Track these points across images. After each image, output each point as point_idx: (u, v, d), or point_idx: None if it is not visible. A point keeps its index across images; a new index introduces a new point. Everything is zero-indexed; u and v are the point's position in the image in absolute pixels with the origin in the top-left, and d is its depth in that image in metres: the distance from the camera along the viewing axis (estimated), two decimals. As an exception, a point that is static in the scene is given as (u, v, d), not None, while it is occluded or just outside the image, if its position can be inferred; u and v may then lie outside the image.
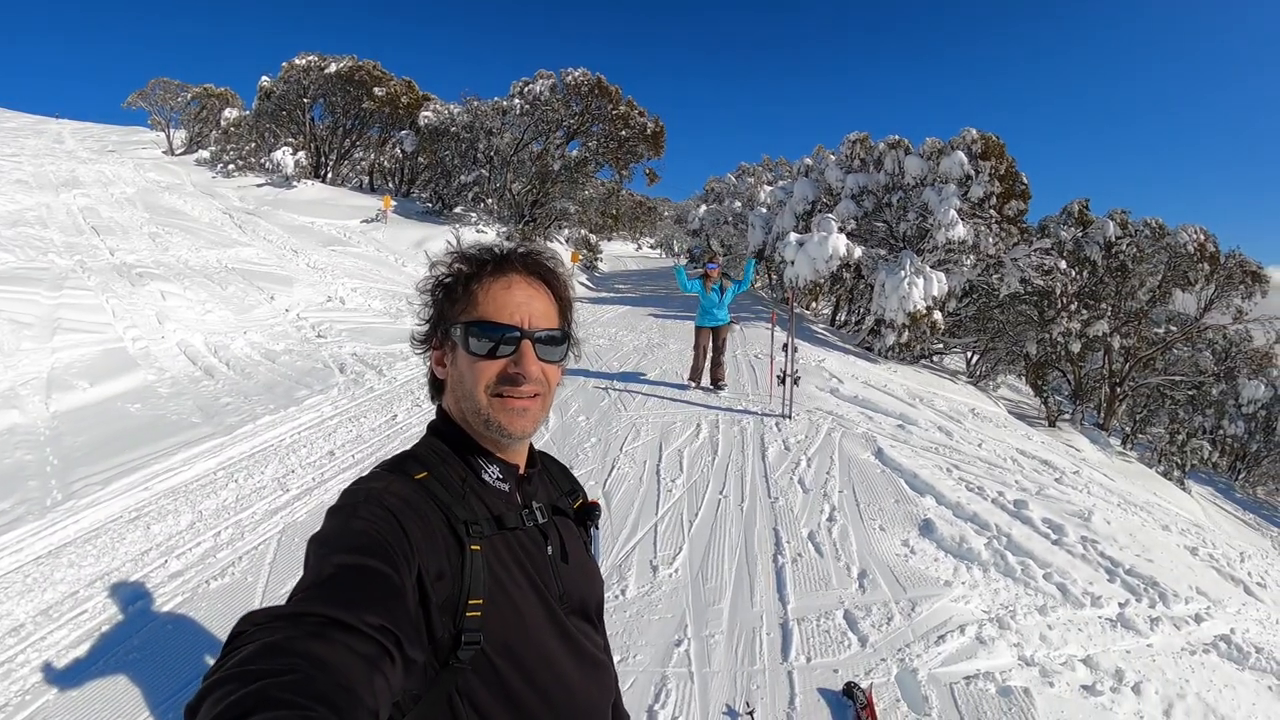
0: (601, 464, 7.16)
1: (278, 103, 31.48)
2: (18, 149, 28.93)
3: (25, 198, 19.49)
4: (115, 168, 27.21)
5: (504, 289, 1.32)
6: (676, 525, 5.79)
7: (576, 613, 1.39)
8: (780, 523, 5.83)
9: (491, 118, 26.99)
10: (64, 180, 22.90)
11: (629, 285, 28.83)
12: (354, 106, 31.32)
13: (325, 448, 7.83)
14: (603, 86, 27.39)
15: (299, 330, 13.09)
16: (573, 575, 1.41)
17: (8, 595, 4.78)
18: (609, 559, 5.24)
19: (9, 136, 34.77)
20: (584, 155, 28.43)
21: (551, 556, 1.37)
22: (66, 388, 9.21)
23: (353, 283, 17.00)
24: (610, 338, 14.46)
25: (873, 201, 19.65)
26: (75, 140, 37.13)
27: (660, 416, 8.75)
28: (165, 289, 13.54)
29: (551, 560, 1.37)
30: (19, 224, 16.54)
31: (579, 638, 1.36)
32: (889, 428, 8.74)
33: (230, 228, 20.52)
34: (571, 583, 1.40)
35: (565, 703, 1.30)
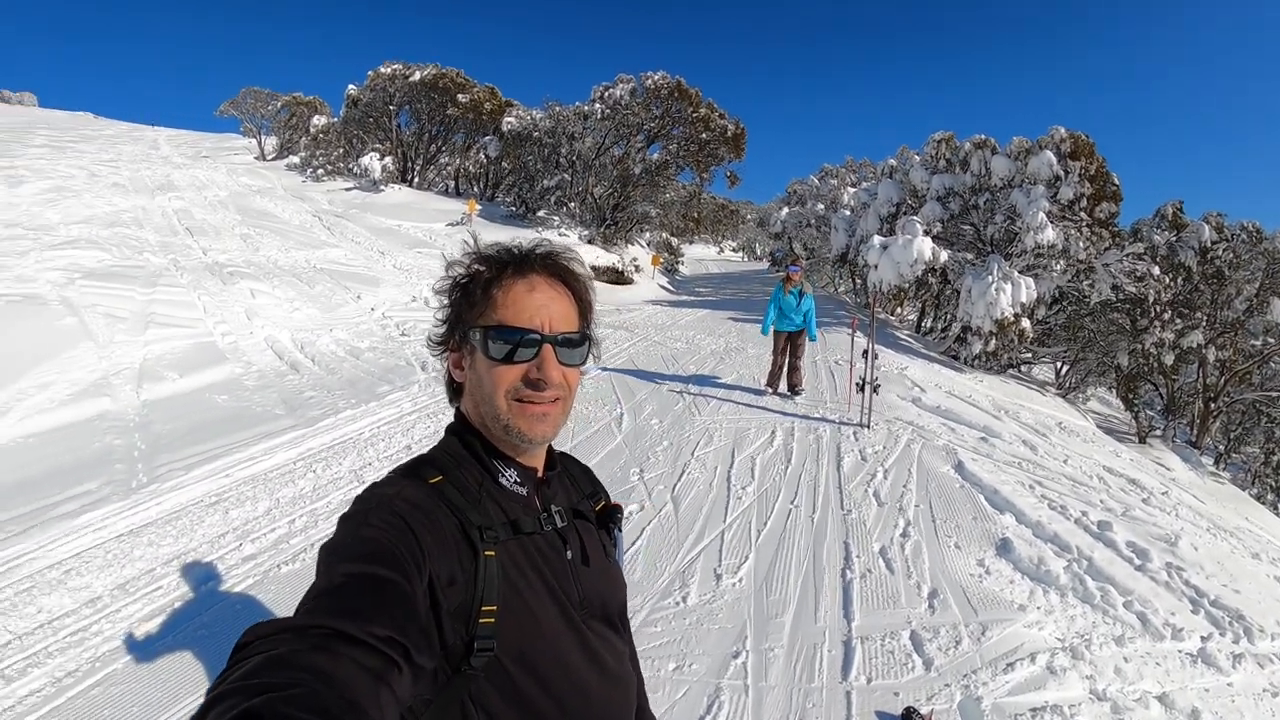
0: (672, 468, 7.12)
1: (365, 110, 32.30)
2: (115, 155, 30.19)
3: (122, 200, 20.33)
4: (209, 172, 28.16)
5: (524, 291, 1.30)
6: (744, 534, 5.69)
7: (597, 618, 1.36)
8: (851, 536, 5.68)
9: (573, 122, 27.10)
10: (159, 184, 23.84)
11: (709, 288, 28.68)
12: (438, 113, 31.88)
13: (403, 442, 8.03)
14: (682, 89, 27.26)
15: (383, 329, 13.47)
16: (593, 580, 1.38)
17: (88, 569, 5.09)
18: (673, 564, 5.20)
19: (107, 144, 36.23)
20: (665, 158, 28.22)
21: (571, 561, 1.35)
22: (157, 378, 9.70)
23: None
24: (688, 341, 14.38)
25: (959, 204, 19.02)
26: (170, 147, 38.52)
27: (734, 422, 8.67)
28: (255, 287, 14.05)
29: (571, 565, 1.34)
30: (116, 225, 17.28)
31: (598, 645, 1.33)
32: (971, 440, 8.46)
33: (319, 230, 21.12)
34: (592, 587, 1.36)
35: (581, 710, 1.28)
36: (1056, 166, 17.44)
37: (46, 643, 4.34)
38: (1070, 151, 17.85)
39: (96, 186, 21.78)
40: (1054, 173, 17.43)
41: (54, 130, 40.54)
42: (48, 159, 26.09)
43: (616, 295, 21.64)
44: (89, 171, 24.25)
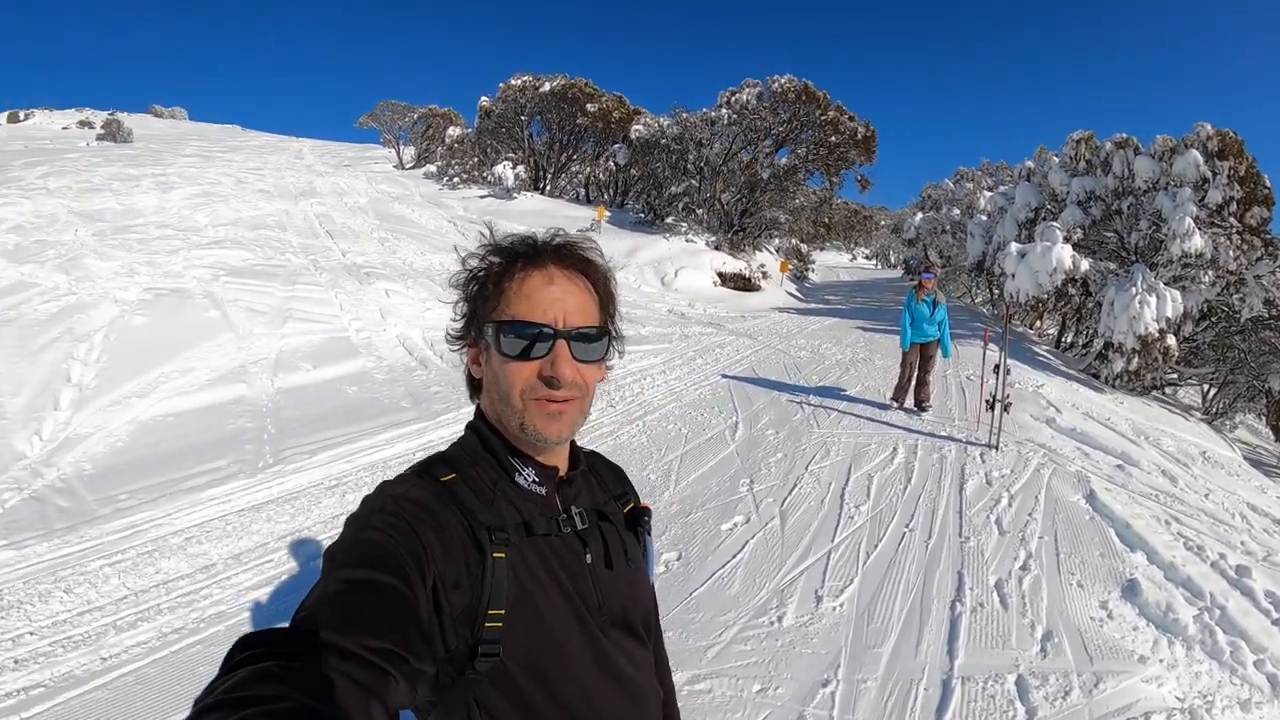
0: (784, 481, 6.98)
1: (497, 120, 33.20)
2: (261, 163, 32.03)
3: (267, 205, 21.57)
4: (349, 180, 29.46)
5: (538, 284, 1.25)
6: (852, 555, 5.50)
7: (617, 626, 1.32)
8: (967, 566, 5.37)
9: (700, 128, 26.96)
10: (302, 190, 25.13)
11: (839, 297, 28.10)
12: (568, 122, 32.52)
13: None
14: (809, 92, 26.75)
15: None
16: (614, 585, 1.34)
17: (208, 538, 5.61)
18: (773, 582, 5.08)
19: (255, 153, 38.52)
20: (793, 163, 27.72)
21: (590, 565, 1.31)
22: (292, 368, 10.42)
23: None
24: (813, 350, 14.14)
25: (1100, 208, 17.82)
26: (314, 156, 40.49)
27: (854, 436, 8.44)
28: (390, 287, 14.70)
29: (590, 569, 1.30)
30: (260, 228, 18.39)
31: (614, 653, 1.30)
32: (1106, 468, 7.89)
33: (454, 235, 21.83)
34: (612, 593, 1.32)
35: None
36: (1203, 167, 16.04)
37: (159, 601, 4.85)
38: (1218, 150, 16.31)
39: (243, 192, 23.17)
40: (1200, 174, 16.04)
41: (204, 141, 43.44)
42: (197, 167, 27.90)
43: (743, 302, 21.45)
44: (236, 178, 25.82)
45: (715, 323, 17.13)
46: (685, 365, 12.29)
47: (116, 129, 46.13)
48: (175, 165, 28.00)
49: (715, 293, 21.77)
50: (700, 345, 14.11)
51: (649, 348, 13.51)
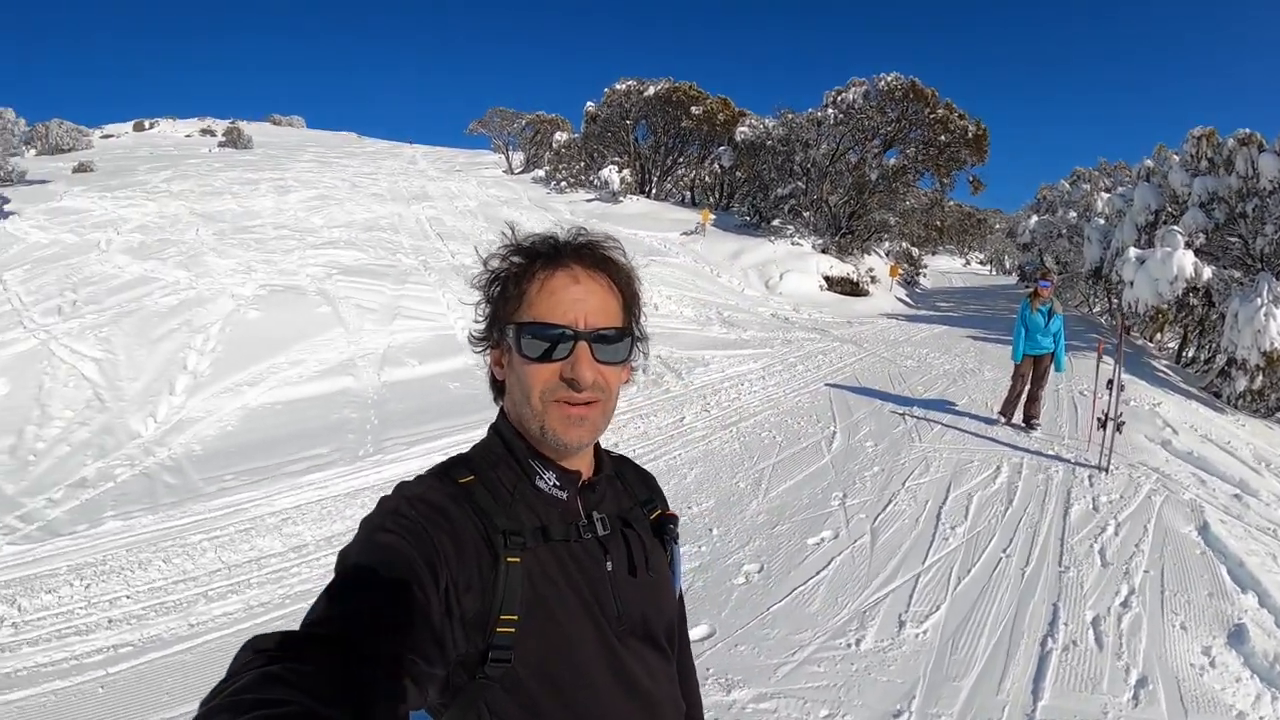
0: (878, 497, 6.80)
1: (603, 125, 33.48)
2: (376, 169, 33.25)
3: (380, 208, 22.43)
4: (460, 184, 30.22)
5: (558, 285, 1.23)
6: (942, 580, 5.29)
7: (637, 636, 1.29)
8: (1063, 599, 5.04)
9: (806, 129, 26.57)
10: (414, 194, 25.95)
11: (951, 303, 27.37)
12: (673, 126, 32.43)
13: (610, 439, 8.33)
14: (917, 89, 26.02)
15: None
16: (636, 594, 1.31)
17: (303, 520, 6.04)
18: (855, 602, 4.95)
19: (369, 159, 39.93)
20: (902, 163, 26.99)
21: (611, 572, 1.28)
22: (398, 363, 10.96)
23: (667, 290, 17.78)
24: (919, 359, 13.80)
25: (1224, 211, 16.40)
26: (426, 162, 41.65)
27: (956, 452, 8.17)
28: None
29: (610, 576, 1.28)
30: (374, 229, 19.15)
31: (632, 664, 1.27)
32: (1223, 497, 7.30)
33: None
34: (633, 602, 1.30)
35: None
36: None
37: (250, 576, 5.25)
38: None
39: (357, 196, 24.16)
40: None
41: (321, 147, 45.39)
42: (314, 172, 29.17)
43: (849, 307, 21.10)
44: (351, 183, 26.89)
45: (819, 328, 16.91)
46: (785, 371, 12.19)
47: (237, 136, 48.69)
48: (293, 170, 29.38)
49: (821, 297, 21.44)
50: (802, 351, 13.95)
51: (749, 352, 13.47)
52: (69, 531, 6.47)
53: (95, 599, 5.33)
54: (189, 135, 60.42)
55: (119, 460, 8.01)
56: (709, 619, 4.85)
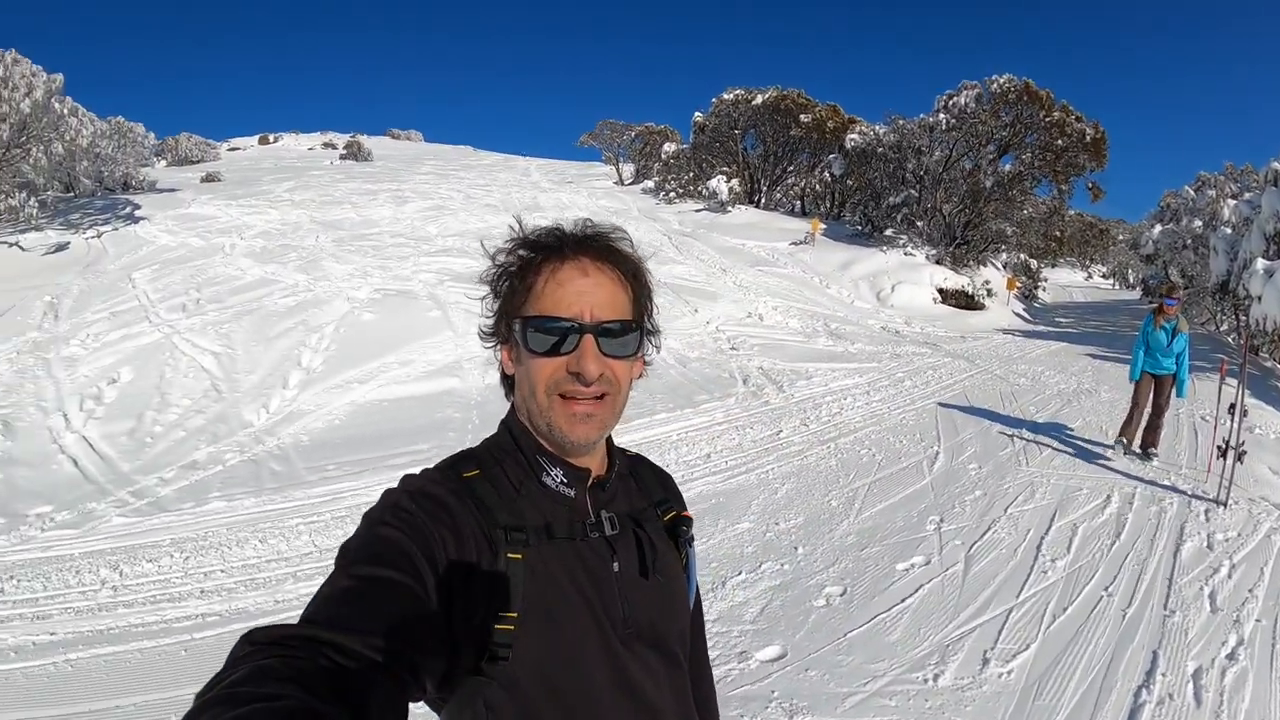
0: (977, 523, 6.53)
1: (711, 135, 33.60)
2: (490, 181, 34.36)
3: (493, 218, 23.21)
4: (571, 195, 30.95)
5: (565, 277, 1.23)
6: (1035, 616, 4.98)
7: (644, 640, 1.26)
8: (1165, 646, 4.63)
9: (918, 135, 25.92)
10: (527, 205, 26.74)
11: (1070, 319, 26.19)
12: (782, 134, 32.35)
13: (704, 450, 8.59)
14: (1031, 91, 25.05)
15: (715, 341, 14.34)
16: (646, 597, 1.28)
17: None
18: (939, 634, 4.74)
19: (484, 171, 41.17)
20: (1018, 170, 25.94)
21: (618, 574, 1.26)
22: None
23: (774, 301, 17.85)
24: (1033, 377, 13.23)
25: None
26: (540, 174, 42.57)
27: (1065, 478, 7.76)
28: None
29: (617, 578, 1.25)
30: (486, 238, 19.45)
31: (635, 669, 1.24)
32: None
33: (668, 248, 22.35)
34: (641, 605, 1.27)
35: None
36: None
37: None
38: None
39: (471, 206, 24.99)
40: None
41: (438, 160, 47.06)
42: (431, 184, 30.34)
43: (963, 321, 20.42)
44: (465, 194, 27.77)
45: (931, 342, 16.46)
46: (892, 387, 11.94)
47: (357, 149, 50.79)
48: (410, 182, 30.53)
49: (934, 310, 20.85)
50: (911, 366, 13.62)
51: (854, 366, 13.27)
52: (176, 508, 7.16)
53: (191, 570, 5.93)
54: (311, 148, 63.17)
55: (229, 446, 8.64)
56: (782, 640, 4.75)
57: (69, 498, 7.67)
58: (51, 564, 6.28)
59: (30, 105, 21.11)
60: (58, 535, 6.89)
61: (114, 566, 6.02)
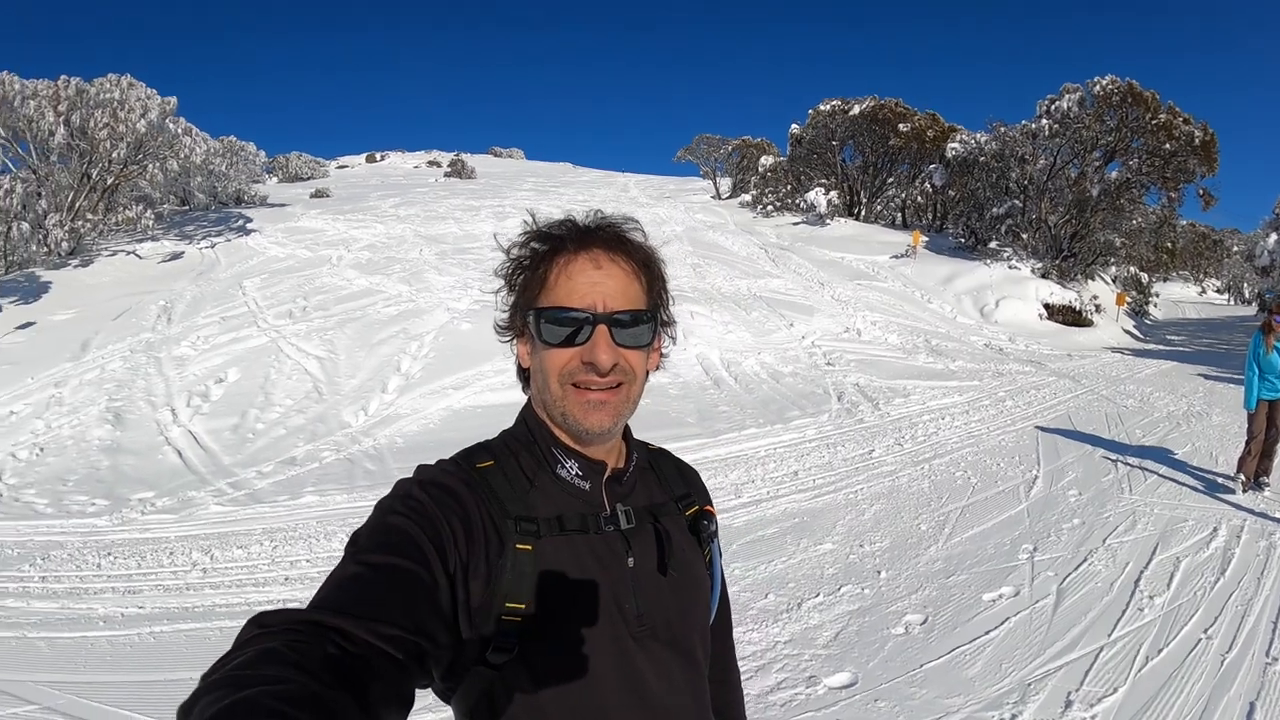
0: (1072, 554, 6.27)
1: (808, 147, 33.26)
2: (589, 196, 34.78)
3: None
4: (668, 210, 31.05)
5: (577, 269, 1.24)
6: (1127, 657, 4.66)
7: (659, 639, 1.25)
8: (1264, 697, 4.27)
9: (1021, 143, 25.14)
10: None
11: (1182, 337, 25.06)
12: (880, 145, 31.82)
13: (792, 467, 8.58)
14: (1135, 93, 23.95)
15: (810, 356, 14.38)
16: (662, 594, 1.27)
17: None
18: (1021, 671, 4.51)
19: (583, 188, 41.63)
20: (1125, 176, 24.73)
21: (633, 569, 1.25)
22: None
23: (873, 316, 17.73)
24: (1141, 398, 12.80)
25: None
26: (638, 189, 42.90)
27: (1170, 509, 7.44)
28: (694, 309, 15.66)
29: (632, 574, 1.25)
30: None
31: (645, 667, 1.23)
32: None
33: (764, 261, 22.49)
34: (656, 602, 1.26)
35: None
36: None
37: None
38: None
39: None
40: None
41: (539, 177, 48.06)
42: (531, 199, 31.11)
43: (1070, 338, 19.87)
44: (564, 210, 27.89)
45: (1035, 360, 16.08)
46: (993, 406, 11.73)
47: (460, 167, 52.16)
48: (511, 198, 31.25)
49: (1040, 327, 20.30)
50: (1014, 385, 13.33)
51: (955, 384, 13.11)
52: (270, 500, 7.72)
53: (279, 559, 6.36)
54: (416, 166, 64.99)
55: (327, 445, 9.17)
56: (854, 666, 4.67)
57: (170, 485, 8.44)
58: (148, 545, 6.99)
59: (145, 126, 22.75)
60: (157, 519, 7.69)
61: (206, 550, 6.59)
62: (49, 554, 6.91)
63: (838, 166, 32.80)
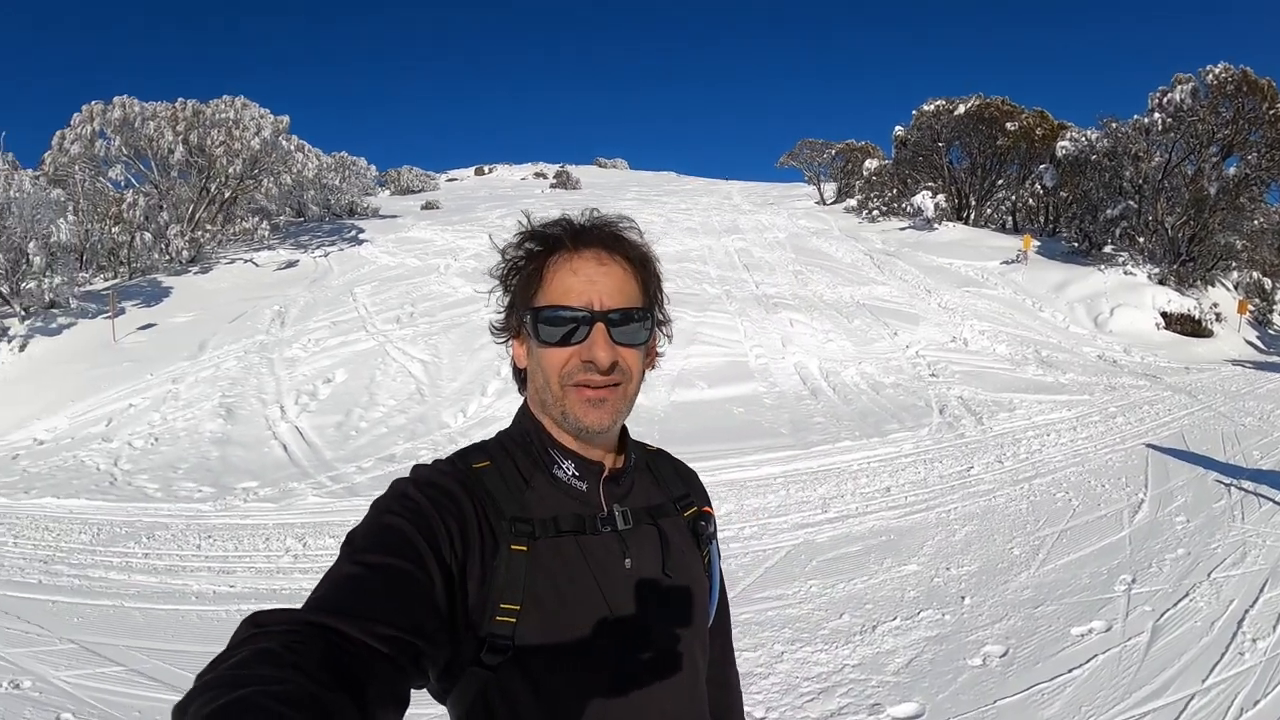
0: (1174, 588, 5.87)
1: (913, 149, 32.78)
2: (691, 205, 35.20)
3: (691, 241, 24.06)
4: (771, 217, 31.11)
5: (572, 268, 1.25)
6: (1219, 708, 4.30)
7: (656, 641, 1.26)
8: None
9: (1133, 139, 23.99)
10: (725, 228, 27.31)
11: (1310, 348, 23.46)
12: (988, 145, 31.00)
13: (884, 483, 8.53)
14: (1250, 81, 22.60)
15: (913, 367, 14.25)
16: (659, 595, 1.27)
17: None
18: (1104, 716, 4.25)
19: (685, 196, 41.97)
20: (1243, 173, 23.27)
21: (629, 570, 1.25)
22: (688, 385, 12.02)
23: (981, 325, 17.39)
24: (1262, 416, 12.07)
25: None
26: (741, 196, 42.62)
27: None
28: (794, 317, 15.83)
29: (629, 574, 1.25)
30: (683, 260, 20.60)
31: (641, 670, 1.23)
32: None
33: (869, 268, 22.32)
34: (654, 604, 1.26)
35: None
36: None
37: None
38: None
39: (671, 230, 25.90)
40: None
41: (642, 187, 48.83)
42: (634, 208, 31.45)
43: (1188, 350, 18.89)
44: (667, 218, 28.80)
45: (1151, 374, 15.37)
46: (1102, 423, 11.35)
47: (566, 178, 53.87)
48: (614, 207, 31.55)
49: (1157, 337, 19.30)
50: (1126, 400, 12.85)
51: (1064, 398, 12.73)
52: (366, 494, 7.95)
53: None
54: (523, 178, 66.45)
55: (425, 444, 9.77)
56: (923, 697, 4.53)
57: (274, 476, 9.26)
58: (246, 530, 7.73)
59: (260, 143, 24.70)
60: (257, 507, 8.52)
61: (300, 538, 7.25)
62: (154, 534, 7.88)
63: (944, 169, 32.15)
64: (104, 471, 10.40)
